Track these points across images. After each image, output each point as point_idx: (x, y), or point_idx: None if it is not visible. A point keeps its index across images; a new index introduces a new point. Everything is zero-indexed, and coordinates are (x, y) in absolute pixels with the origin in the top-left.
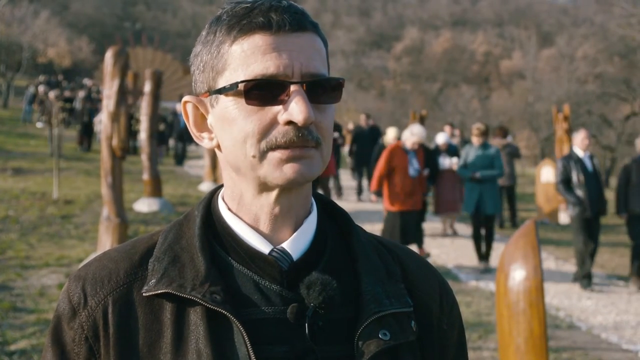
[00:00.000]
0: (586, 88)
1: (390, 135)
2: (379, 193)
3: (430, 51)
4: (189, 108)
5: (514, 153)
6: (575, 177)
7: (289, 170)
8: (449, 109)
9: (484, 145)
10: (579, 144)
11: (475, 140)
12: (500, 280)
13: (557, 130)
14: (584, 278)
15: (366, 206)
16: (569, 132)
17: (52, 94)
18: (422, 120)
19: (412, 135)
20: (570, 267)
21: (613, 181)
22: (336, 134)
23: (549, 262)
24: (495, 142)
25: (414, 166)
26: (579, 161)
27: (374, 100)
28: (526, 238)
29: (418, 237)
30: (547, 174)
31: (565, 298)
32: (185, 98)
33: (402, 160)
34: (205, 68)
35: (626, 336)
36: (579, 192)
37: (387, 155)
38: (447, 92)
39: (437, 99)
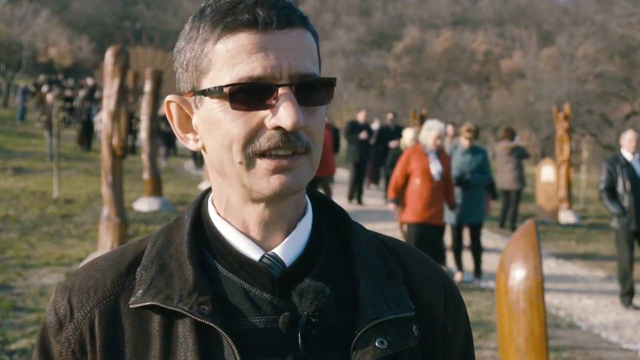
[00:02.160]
0: (586, 87)
1: (407, 137)
2: (396, 201)
3: (431, 50)
4: (173, 108)
5: (523, 155)
6: (621, 184)
7: (276, 181)
8: (449, 109)
9: (473, 149)
10: (627, 145)
11: (465, 142)
12: (500, 279)
13: (558, 129)
14: (626, 295)
15: (366, 206)
16: (569, 131)
17: (50, 96)
18: (422, 120)
19: (430, 130)
20: (571, 266)
21: None
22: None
23: (549, 261)
24: (503, 145)
25: (436, 168)
26: (627, 165)
27: (375, 99)
28: (526, 238)
29: (439, 257)
30: (547, 173)
31: (565, 297)
32: (169, 97)
33: (421, 162)
34: (188, 66)
35: (626, 335)
36: (625, 202)
37: (404, 159)
38: (448, 92)
39: (438, 98)
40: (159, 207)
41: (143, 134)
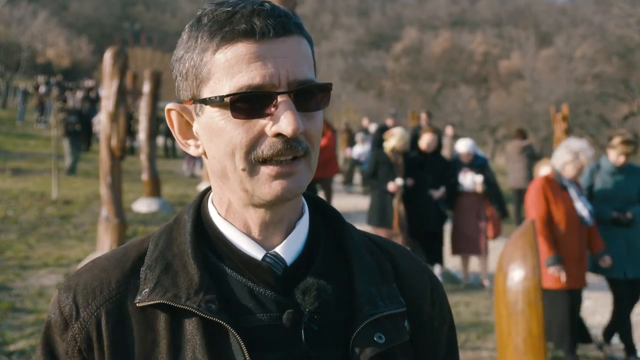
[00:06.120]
0: (585, 88)
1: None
2: (559, 259)
3: (429, 51)
4: (173, 115)
5: (534, 155)
6: None
7: (278, 186)
8: (447, 109)
9: (628, 168)
10: None
11: (617, 158)
12: (499, 280)
13: (556, 130)
14: None
15: (358, 205)
16: (568, 132)
17: (71, 102)
18: (420, 120)
19: (569, 154)
20: None
21: None
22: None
23: None
24: (515, 144)
25: (586, 208)
26: None
27: (373, 100)
28: (525, 238)
29: (585, 334)
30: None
31: None
32: (169, 106)
33: (562, 201)
34: (188, 75)
35: None
36: None
37: (539, 197)
38: (446, 92)
39: (436, 99)
40: (158, 208)
41: (142, 135)
